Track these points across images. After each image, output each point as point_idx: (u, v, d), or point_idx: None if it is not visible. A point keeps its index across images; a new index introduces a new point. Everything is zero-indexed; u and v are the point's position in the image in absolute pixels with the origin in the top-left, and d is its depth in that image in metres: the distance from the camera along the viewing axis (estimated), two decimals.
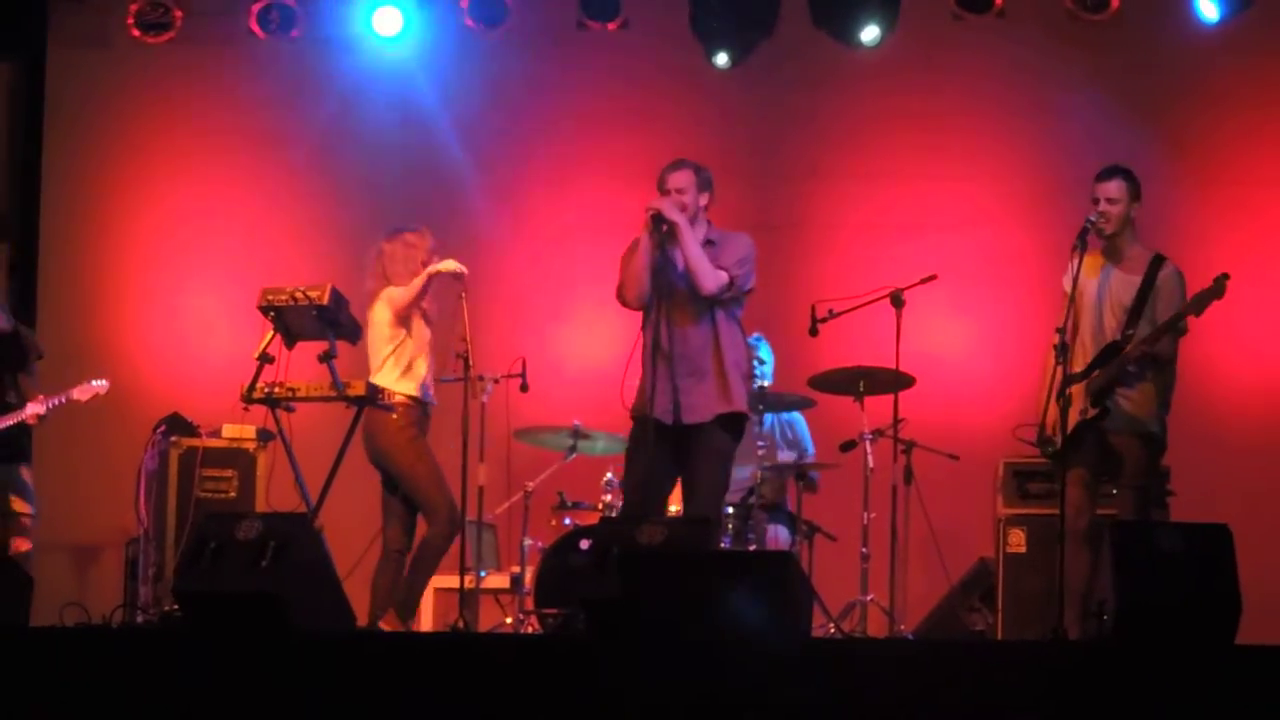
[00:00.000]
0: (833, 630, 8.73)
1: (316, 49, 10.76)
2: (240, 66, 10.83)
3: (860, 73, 10.57)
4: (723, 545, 8.65)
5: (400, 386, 8.30)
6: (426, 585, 8.59)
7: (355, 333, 8.29)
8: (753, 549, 8.92)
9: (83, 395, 9.22)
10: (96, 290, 10.93)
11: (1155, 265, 7.59)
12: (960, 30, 10.41)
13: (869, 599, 8.97)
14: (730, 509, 8.88)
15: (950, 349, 10.23)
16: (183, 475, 9.17)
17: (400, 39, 10.68)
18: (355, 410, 8.22)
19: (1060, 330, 7.43)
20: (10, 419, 9.07)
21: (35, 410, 9.10)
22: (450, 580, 8.91)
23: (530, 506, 9.32)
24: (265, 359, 8.03)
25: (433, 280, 8.35)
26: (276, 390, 8.02)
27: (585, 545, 8.53)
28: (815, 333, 8.80)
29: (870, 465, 9.02)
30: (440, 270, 8.34)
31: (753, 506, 9.02)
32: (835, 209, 10.62)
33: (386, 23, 10.63)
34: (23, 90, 11.15)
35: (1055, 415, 7.44)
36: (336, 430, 8.31)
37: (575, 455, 9.50)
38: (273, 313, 8.05)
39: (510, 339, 9.86)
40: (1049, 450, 7.61)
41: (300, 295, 8.01)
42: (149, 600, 8.96)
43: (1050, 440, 7.57)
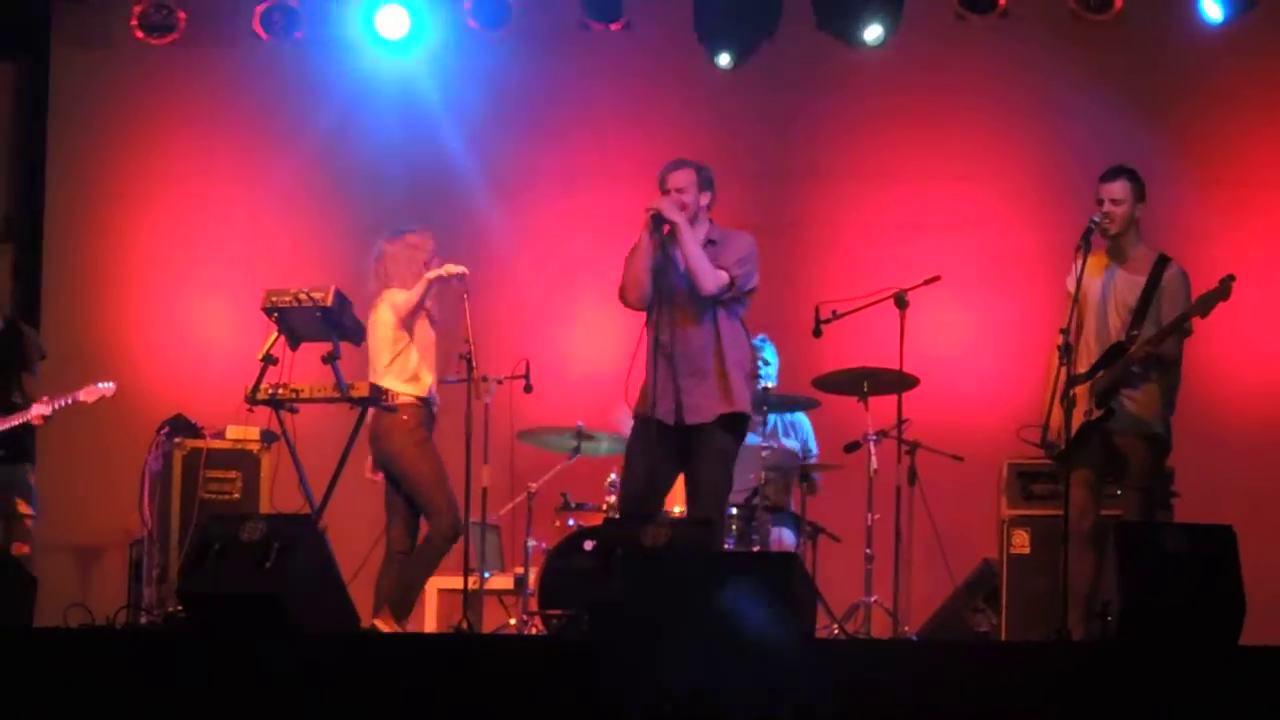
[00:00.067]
0: (836, 631, 8.72)
1: (319, 50, 10.76)
2: (243, 68, 10.83)
3: (863, 73, 10.56)
4: (727, 547, 8.64)
5: (407, 388, 8.29)
6: (423, 586, 8.58)
7: (359, 334, 8.29)
8: (756, 550, 8.91)
9: (89, 397, 9.21)
10: (100, 291, 10.93)
11: (1160, 266, 7.58)
12: (963, 30, 10.40)
13: (873, 600, 8.97)
14: (734, 510, 8.87)
15: (954, 350, 10.21)
16: (187, 476, 9.15)
17: (403, 40, 10.68)
18: (359, 412, 8.22)
19: (1064, 331, 7.40)
20: (15, 419, 9.07)
21: (41, 411, 9.09)
22: (454, 581, 8.91)
23: (534, 507, 9.32)
24: (269, 360, 8.03)
25: (434, 285, 8.36)
26: (280, 391, 8.02)
27: (589, 546, 8.53)
28: (819, 333, 8.79)
29: (874, 466, 9.02)
30: (441, 275, 8.34)
31: (757, 508, 9.01)
32: (839, 209, 10.61)
33: (391, 25, 10.63)
34: (27, 91, 11.15)
35: (1059, 416, 7.44)
36: (340, 431, 8.31)
37: (579, 456, 9.50)
38: (276, 314, 8.05)
39: (514, 340, 9.86)
40: (1053, 451, 7.60)
41: (304, 297, 8.01)
42: (153, 601, 8.95)
43: (1054, 444, 7.56)
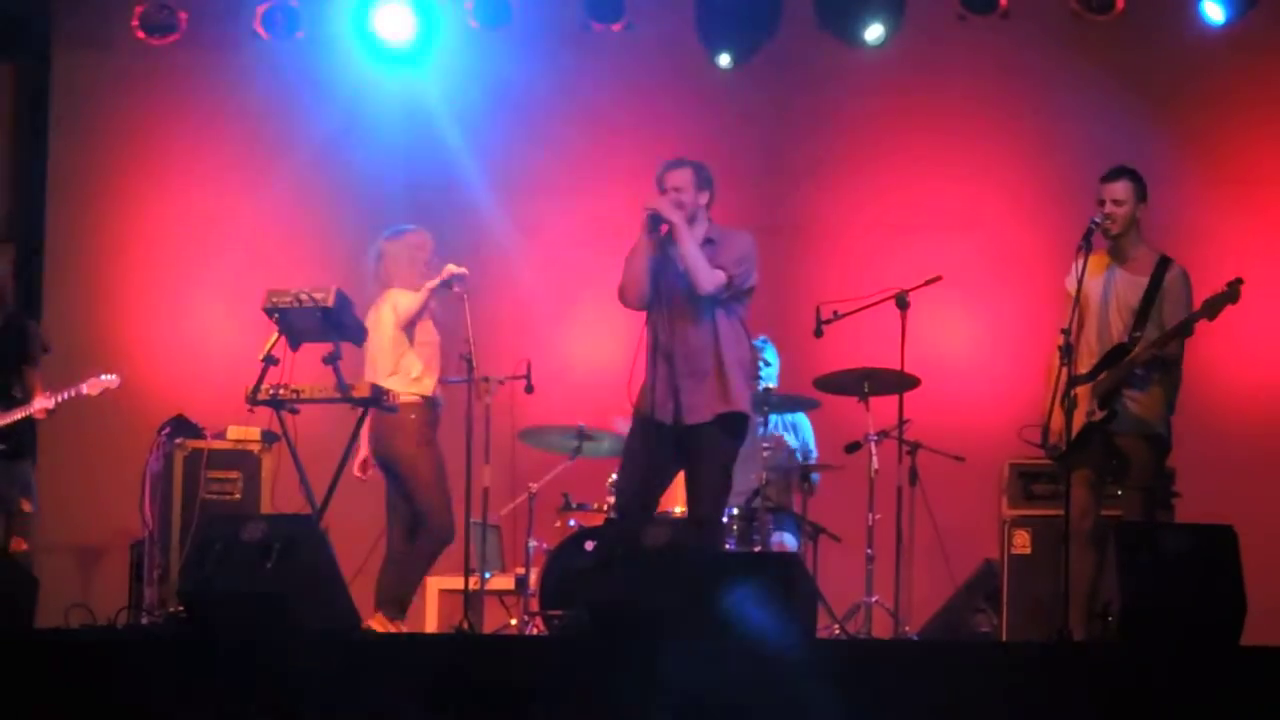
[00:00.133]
0: (838, 631, 8.72)
1: (320, 50, 10.76)
2: (244, 68, 10.82)
3: (864, 73, 10.56)
4: (728, 547, 8.64)
5: (414, 388, 8.31)
6: (417, 587, 8.57)
7: (360, 335, 8.28)
8: (757, 550, 8.91)
9: (93, 390, 9.19)
10: (101, 291, 10.93)
11: (1161, 267, 7.57)
12: (965, 30, 10.39)
13: (874, 600, 8.97)
14: (735, 510, 8.87)
15: (955, 350, 10.21)
16: (188, 477, 9.15)
17: (406, 41, 10.67)
18: (360, 412, 8.22)
19: (1065, 331, 7.40)
20: (18, 413, 9.05)
21: (44, 405, 9.07)
22: (455, 582, 8.91)
23: (535, 508, 9.31)
24: (270, 361, 8.02)
25: (436, 292, 8.39)
26: (281, 392, 8.01)
27: (590, 546, 8.53)
28: (820, 334, 8.79)
29: (875, 466, 9.02)
30: (443, 278, 8.36)
31: (758, 509, 9.01)
32: (840, 209, 10.60)
33: (396, 29, 10.61)
34: (28, 91, 11.15)
35: (1060, 417, 7.43)
36: (341, 432, 8.31)
37: (580, 456, 9.49)
38: (277, 314, 8.04)
39: (515, 340, 9.85)
40: (1054, 452, 7.60)
41: (305, 297, 8.00)
42: (154, 602, 8.95)
43: (1055, 445, 7.55)
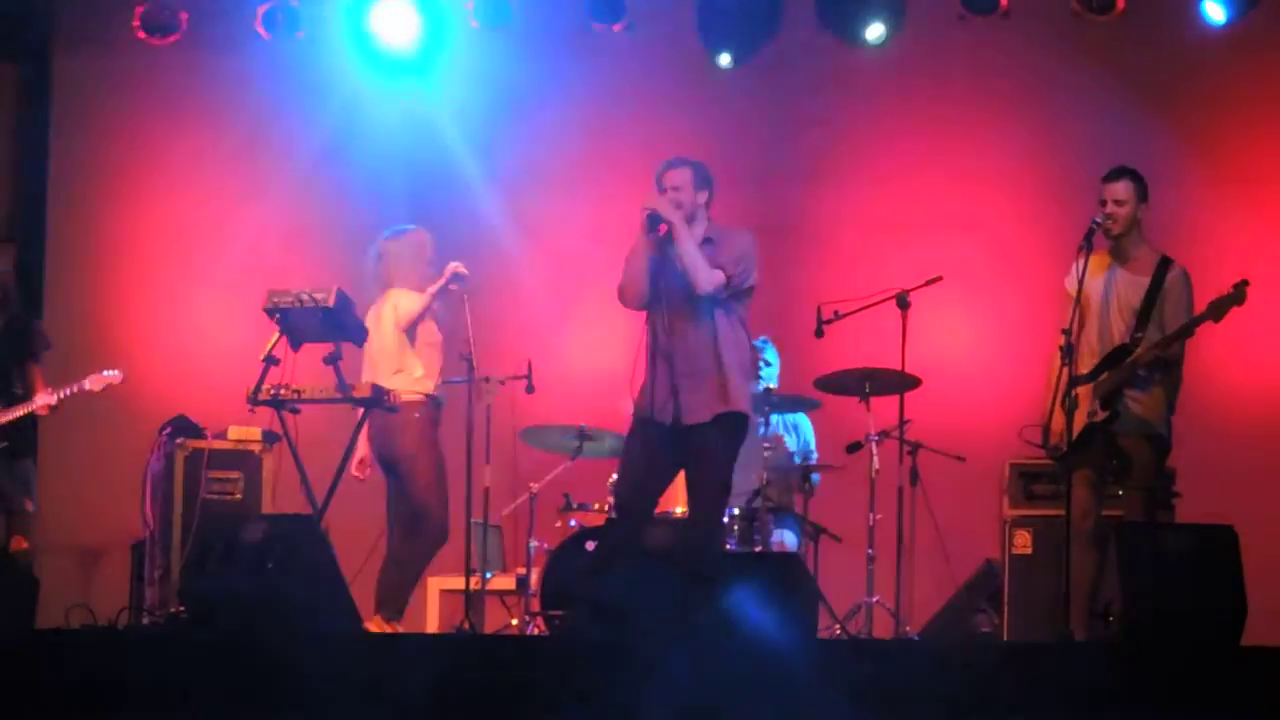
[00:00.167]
0: (838, 631, 8.72)
1: (321, 50, 10.76)
2: (245, 68, 10.81)
3: (865, 73, 10.55)
4: (729, 548, 8.64)
5: (417, 387, 8.33)
6: (414, 587, 8.56)
7: (361, 335, 8.29)
8: (758, 551, 8.91)
9: (96, 385, 9.18)
10: (102, 291, 10.93)
11: (1162, 267, 7.57)
12: (965, 30, 10.39)
13: (875, 600, 8.97)
14: (736, 511, 8.87)
15: (956, 350, 10.21)
16: (188, 477, 9.15)
17: (405, 40, 10.66)
18: (361, 412, 8.22)
19: (1066, 331, 7.40)
20: (20, 410, 9.04)
21: (46, 401, 9.06)
22: (456, 582, 8.91)
23: (536, 508, 9.32)
24: (271, 361, 8.03)
25: (439, 296, 8.40)
26: (282, 392, 8.02)
27: (591, 547, 8.53)
28: (821, 334, 8.79)
29: (876, 467, 9.02)
30: (445, 280, 8.38)
31: (759, 509, 9.01)
32: (841, 209, 10.60)
33: (393, 27, 10.60)
34: (29, 91, 11.14)
35: (1061, 417, 7.43)
36: (341, 432, 8.32)
37: (581, 457, 9.49)
38: (278, 314, 8.05)
39: (516, 340, 9.86)
40: (1055, 452, 7.60)
41: (306, 297, 8.01)
42: (155, 602, 8.95)
43: (1056, 445, 7.55)
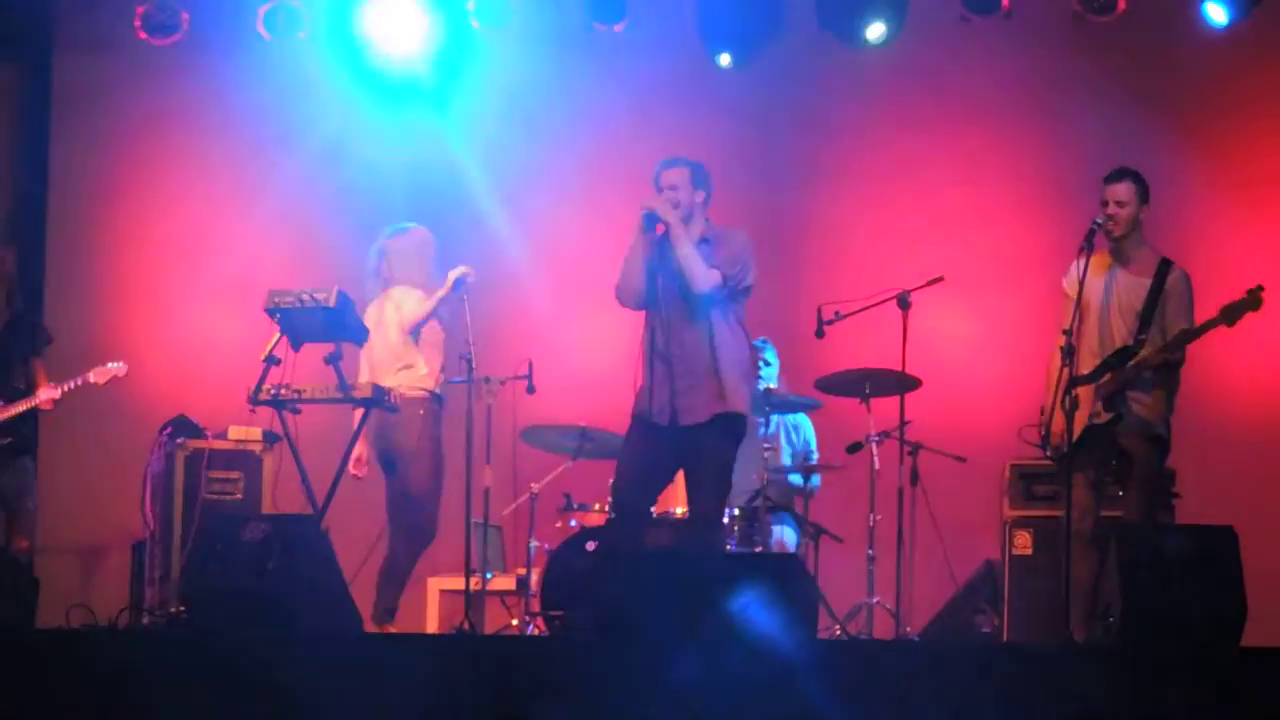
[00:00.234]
0: (839, 632, 8.72)
1: (322, 50, 10.76)
2: (246, 68, 10.81)
3: (866, 74, 10.55)
4: (729, 548, 8.64)
5: (420, 384, 8.33)
6: (404, 586, 8.57)
7: (361, 335, 8.29)
8: (758, 551, 8.91)
9: (100, 378, 9.16)
10: (103, 291, 10.92)
11: (1163, 269, 7.57)
12: (967, 31, 10.39)
13: (875, 601, 8.97)
14: (736, 511, 8.87)
15: (957, 351, 10.20)
16: (189, 477, 9.14)
17: (407, 41, 10.66)
18: (362, 412, 8.23)
19: (1067, 332, 7.40)
20: (23, 405, 9.02)
21: (50, 395, 9.04)
22: (456, 582, 8.91)
23: (536, 508, 9.31)
24: (271, 361, 8.03)
25: (445, 299, 8.42)
26: (283, 392, 8.03)
27: (591, 547, 8.53)
28: (821, 334, 8.78)
29: (876, 467, 9.02)
30: (450, 285, 8.40)
31: (758, 509, 9.01)
32: (841, 210, 10.60)
33: (394, 27, 10.59)
34: (30, 92, 11.14)
35: (1061, 418, 7.43)
36: (342, 432, 8.32)
37: (581, 457, 9.49)
38: (279, 314, 8.06)
39: (517, 340, 9.85)
40: (1056, 453, 7.59)
41: (307, 297, 8.01)
42: (155, 602, 8.95)
43: (1056, 447, 7.55)
